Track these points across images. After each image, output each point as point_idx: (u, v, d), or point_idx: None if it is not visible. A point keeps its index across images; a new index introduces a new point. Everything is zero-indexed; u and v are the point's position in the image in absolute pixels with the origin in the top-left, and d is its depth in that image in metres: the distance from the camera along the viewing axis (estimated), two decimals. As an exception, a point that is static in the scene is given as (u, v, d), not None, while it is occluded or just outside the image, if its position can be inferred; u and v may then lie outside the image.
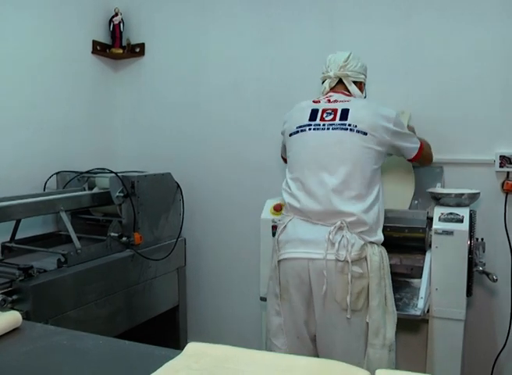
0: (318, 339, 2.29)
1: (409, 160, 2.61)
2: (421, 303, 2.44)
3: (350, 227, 2.21)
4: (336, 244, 2.17)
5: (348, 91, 2.54)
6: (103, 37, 3.92)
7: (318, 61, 2.65)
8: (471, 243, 2.51)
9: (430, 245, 2.57)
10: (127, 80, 4.07)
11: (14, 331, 1.45)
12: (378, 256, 2.23)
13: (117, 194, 3.04)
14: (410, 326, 2.63)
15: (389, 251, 2.35)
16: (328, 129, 2.35)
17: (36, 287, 2.44)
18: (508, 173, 2.97)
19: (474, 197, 2.68)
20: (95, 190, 3.25)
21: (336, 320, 2.20)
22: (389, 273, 2.30)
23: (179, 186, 3.45)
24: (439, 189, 2.85)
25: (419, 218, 2.70)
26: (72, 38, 3.67)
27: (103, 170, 3.26)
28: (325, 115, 2.40)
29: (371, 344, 2.19)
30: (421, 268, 2.60)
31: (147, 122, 4.02)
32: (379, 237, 2.31)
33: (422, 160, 2.72)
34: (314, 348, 2.32)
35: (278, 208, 2.87)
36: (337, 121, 2.35)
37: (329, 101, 2.46)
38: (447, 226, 2.53)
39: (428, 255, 2.61)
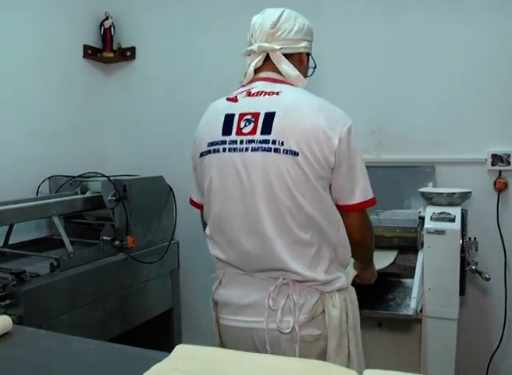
0: None
1: (342, 208, 1.82)
2: (413, 303, 2.44)
3: (296, 284, 1.75)
4: (279, 312, 1.73)
5: (280, 74, 1.87)
6: (94, 41, 3.91)
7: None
8: (463, 242, 2.51)
9: (422, 245, 2.57)
10: (118, 84, 4.07)
11: (4, 336, 1.44)
12: (338, 309, 1.78)
13: (109, 197, 3.03)
14: (403, 326, 2.63)
15: (381, 251, 2.33)
16: (246, 150, 1.73)
17: (28, 291, 2.44)
18: (500, 171, 2.97)
19: (465, 196, 2.68)
20: (88, 194, 3.24)
21: None
22: (356, 323, 1.88)
23: (171, 189, 3.44)
24: (430, 188, 2.86)
25: (411, 218, 2.71)
26: (63, 42, 3.66)
27: (95, 174, 3.24)
28: (242, 124, 1.77)
29: None
30: (414, 268, 2.60)
31: (138, 125, 4.02)
32: (341, 282, 1.82)
33: (361, 220, 1.88)
34: None
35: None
36: (258, 136, 1.72)
37: (250, 94, 1.83)
38: (439, 226, 2.52)
39: (420, 255, 2.61)
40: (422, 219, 2.61)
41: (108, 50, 3.93)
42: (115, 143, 4.08)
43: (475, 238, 2.69)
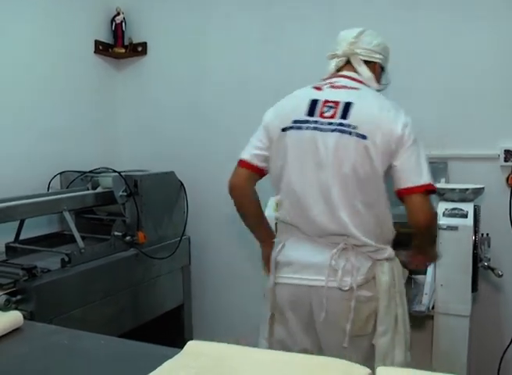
0: None
1: (401, 192, 2.01)
2: (425, 299, 2.43)
3: (355, 248, 2.00)
4: (340, 271, 1.96)
5: (358, 75, 2.18)
6: (105, 37, 3.91)
7: (320, 59, 2.61)
8: (475, 238, 2.50)
9: (434, 241, 2.56)
10: (130, 80, 4.06)
11: (15, 331, 1.45)
12: (387, 275, 2.01)
13: (120, 193, 3.03)
14: (415, 322, 2.61)
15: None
16: (326, 131, 2.00)
17: (40, 287, 2.45)
18: (513, 167, 2.96)
19: (478, 192, 2.67)
20: (99, 189, 3.24)
21: (341, 347, 1.99)
22: (401, 290, 2.10)
23: (182, 184, 3.44)
24: (443, 184, 2.84)
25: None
26: (75, 38, 3.66)
27: (106, 170, 3.25)
28: (325, 109, 2.04)
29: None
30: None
31: (149, 121, 4.01)
32: (388, 253, 2.06)
33: (419, 205, 2.01)
34: None
35: (281, 205, 2.85)
36: (336, 119, 2.00)
37: (333, 86, 2.13)
38: (452, 222, 2.51)
39: (432, 251, 2.60)
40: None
41: (119, 45, 3.92)
42: (127, 138, 4.08)
43: (488, 234, 2.67)
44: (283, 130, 2.10)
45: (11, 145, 3.22)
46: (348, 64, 2.22)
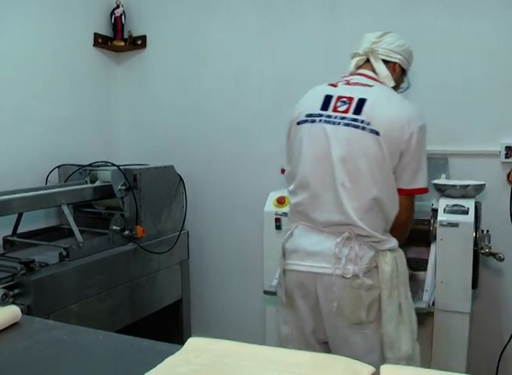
0: (332, 351, 2.16)
1: (401, 190, 2.15)
2: (425, 296, 2.43)
3: (358, 238, 2.06)
4: (343, 259, 2.03)
5: (375, 73, 2.26)
6: (104, 30, 3.89)
7: (319, 53, 2.60)
8: (476, 235, 2.49)
9: (435, 237, 2.55)
10: (129, 73, 4.05)
11: (13, 326, 1.43)
12: (390, 265, 2.06)
13: (119, 187, 3.02)
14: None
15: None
16: (338, 124, 2.08)
17: (37, 281, 2.43)
18: (514, 164, 2.95)
19: (479, 188, 2.65)
20: (97, 183, 3.24)
21: (346, 334, 2.09)
22: (405, 280, 2.16)
23: (181, 179, 3.43)
24: (443, 180, 2.83)
25: (424, 210, 2.68)
26: (74, 31, 3.64)
27: (105, 163, 3.24)
28: (339, 104, 2.13)
29: (386, 357, 2.06)
30: (426, 260, 2.59)
31: (149, 114, 4.00)
32: (392, 244, 2.13)
33: (409, 206, 2.20)
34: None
35: (281, 201, 2.85)
36: (350, 114, 2.08)
37: (348, 83, 2.21)
38: (452, 218, 2.50)
39: (432, 248, 2.59)
40: (435, 211, 2.59)
41: (118, 39, 3.91)
42: (126, 132, 4.08)
43: (488, 231, 2.66)
44: (298, 123, 2.22)
45: (10, 138, 3.21)
46: (367, 62, 2.29)
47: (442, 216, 2.51)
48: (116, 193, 3.04)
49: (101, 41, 3.85)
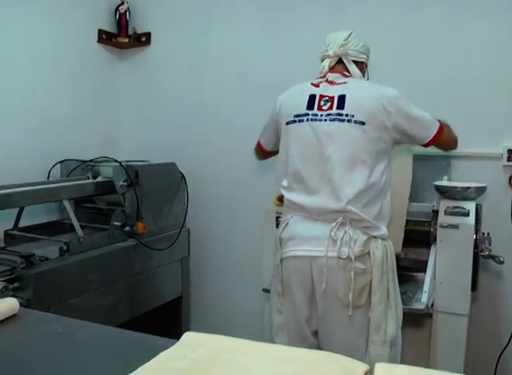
0: (320, 336, 2.25)
1: (425, 145, 2.34)
2: (424, 297, 2.42)
3: (352, 223, 2.15)
4: (338, 242, 2.12)
5: (348, 72, 2.38)
6: (109, 26, 3.90)
7: (321, 50, 2.60)
8: (476, 237, 2.49)
9: (435, 239, 2.55)
10: (133, 70, 4.06)
11: (11, 318, 1.44)
12: (381, 251, 2.16)
13: (121, 183, 3.02)
14: (414, 320, 2.61)
15: (404, 245, 2.33)
16: (325, 121, 2.23)
17: (37, 275, 2.43)
18: (516, 167, 2.94)
19: (480, 190, 2.65)
20: (99, 179, 3.23)
21: (337, 317, 2.16)
22: (393, 268, 2.23)
23: (183, 176, 3.43)
24: (445, 182, 2.82)
25: (424, 211, 2.68)
26: (78, 27, 3.65)
27: (107, 159, 3.24)
28: (322, 103, 2.28)
29: (371, 340, 2.14)
30: (426, 262, 2.59)
31: (152, 111, 4.01)
32: (383, 231, 2.21)
33: (443, 144, 2.42)
34: (316, 345, 2.28)
35: (282, 200, 2.85)
36: (334, 110, 2.23)
37: (328, 82, 2.33)
38: (453, 220, 2.51)
39: (432, 249, 2.59)
40: (436, 212, 2.59)
41: (123, 35, 3.92)
42: (128, 128, 4.08)
43: (488, 234, 2.66)
44: (287, 123, 2.35)
45: (12, 133, 3.21)
46: (339, 63, 2.41)
47: (442, 218, 2.52)
48: (118, 189, 3.04)
49: (105, 38, 3.86)
